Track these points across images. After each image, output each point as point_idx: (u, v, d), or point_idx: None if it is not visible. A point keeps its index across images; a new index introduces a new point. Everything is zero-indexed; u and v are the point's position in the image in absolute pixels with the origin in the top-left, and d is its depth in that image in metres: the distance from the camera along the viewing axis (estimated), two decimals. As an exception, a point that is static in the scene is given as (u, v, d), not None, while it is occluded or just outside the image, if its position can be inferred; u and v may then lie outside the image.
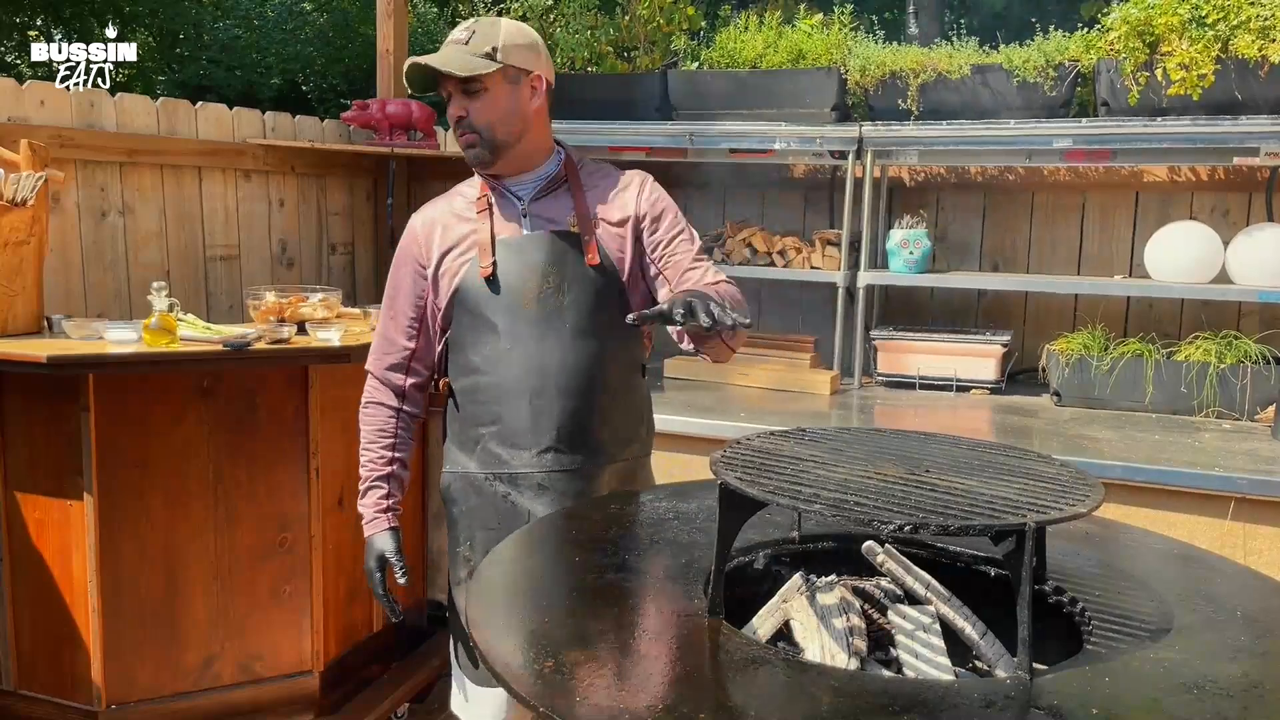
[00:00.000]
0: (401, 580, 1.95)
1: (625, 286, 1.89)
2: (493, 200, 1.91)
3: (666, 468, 2.85)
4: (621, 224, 1.89)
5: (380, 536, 1.97)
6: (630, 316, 1.59)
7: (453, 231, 1.91)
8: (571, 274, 1.85)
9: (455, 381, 1.95)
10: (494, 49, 1.81)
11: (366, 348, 2.50)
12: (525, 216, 1.90)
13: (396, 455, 2.01)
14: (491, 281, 1.85)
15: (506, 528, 1.85)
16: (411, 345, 1.98)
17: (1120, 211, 3.33)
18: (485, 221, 1.89)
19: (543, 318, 1.84)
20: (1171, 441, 2.61)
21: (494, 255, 1.86)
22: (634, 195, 1.91)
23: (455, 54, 1.81)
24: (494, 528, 1.89)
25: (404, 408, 2.01)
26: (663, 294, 1.89)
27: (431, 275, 1.92)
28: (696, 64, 3.57)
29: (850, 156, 3.17)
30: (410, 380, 2.00)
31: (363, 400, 2.03)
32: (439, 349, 1.98)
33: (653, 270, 1.91)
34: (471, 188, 1.97)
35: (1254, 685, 1.12)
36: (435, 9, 8.10)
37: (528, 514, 1.87)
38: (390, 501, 2.00)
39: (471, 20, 1.88)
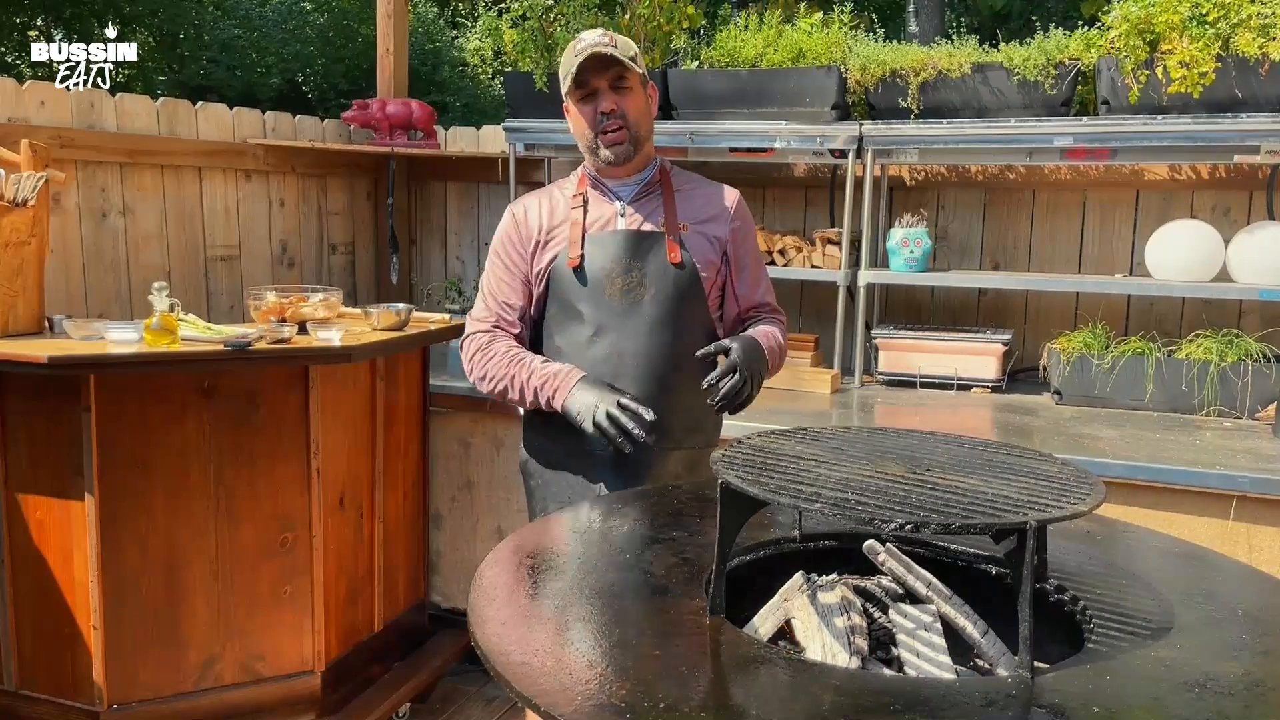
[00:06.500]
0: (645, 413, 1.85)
1: (705, 287, 2.03)
2: (588, 197, 2.05)
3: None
4: (713, 232, 2.06)
5: (586, 378, 1.94)
6: (699, 352, 1.89)
7: (549, 224, 2.05)
8: (653, 270, 1.99)
9: None
10: (634, 55, 1.99)
11: (366, 348, 2.51)
12: (622, 215, 2.04)
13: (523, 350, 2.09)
14: (579, 272, 2.00)
15: (579, 500, 2.01)
16: (523, 303, 2.08)
17: (1121, 210, 3.33)
18: (579, 216, 2.03)
19: (625, 308, 1.99)
20: (1172, 440, 2.61)
21: (582, 248, 2.00)
22: (728, 210, 2.09)
23: (613, 54, 1.95)
24: (564, 501, 2.04)
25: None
26: (728, 306, 2.11)
27: (530, 260, 2.06)
28: (696, 63, 3.57)
29: (850, 155, 3.17)
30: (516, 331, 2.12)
31: (472, 348, 2.08)
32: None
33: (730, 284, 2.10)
34: (566, 186, 2.10)
35: (1256, 684, 1.12)
36: (435, 9, 8.10)
37: (600, 488, 2.02)
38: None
39: (597, 31, 2.02)
